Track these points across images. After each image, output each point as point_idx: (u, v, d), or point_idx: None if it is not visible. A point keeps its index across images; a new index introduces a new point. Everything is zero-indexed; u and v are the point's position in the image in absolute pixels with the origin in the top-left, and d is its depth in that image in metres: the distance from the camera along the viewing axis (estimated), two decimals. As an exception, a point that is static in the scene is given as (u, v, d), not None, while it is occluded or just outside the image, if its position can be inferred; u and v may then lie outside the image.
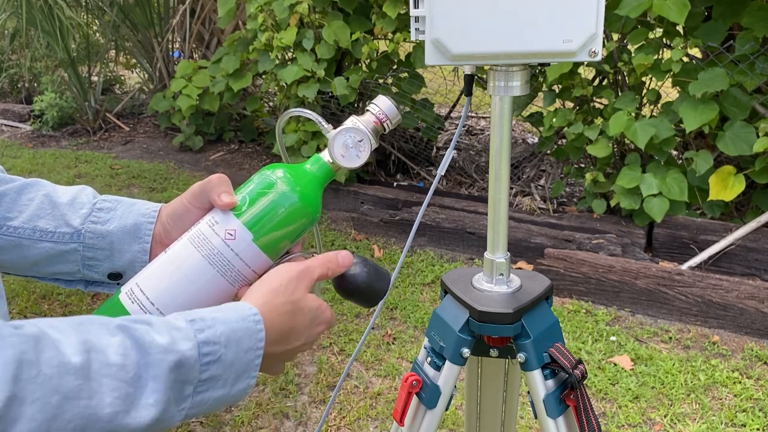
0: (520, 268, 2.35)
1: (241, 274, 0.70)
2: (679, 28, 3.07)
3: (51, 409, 0.45)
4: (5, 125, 5.89)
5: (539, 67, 3.20)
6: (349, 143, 0.75)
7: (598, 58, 0.80)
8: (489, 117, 4.18)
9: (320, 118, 0.77)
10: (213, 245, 0.69)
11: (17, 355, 0.44)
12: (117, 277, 0.77)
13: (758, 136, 2.77)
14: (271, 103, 5.05)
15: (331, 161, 0.75)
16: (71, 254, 0.75)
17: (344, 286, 0.75)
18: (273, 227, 0.71)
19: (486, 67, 0.90)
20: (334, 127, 0.76)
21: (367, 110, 0.77)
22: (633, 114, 3.01)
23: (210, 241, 0.70)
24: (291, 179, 0.72)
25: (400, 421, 1.00)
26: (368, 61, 3.62)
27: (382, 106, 0.77)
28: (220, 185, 0.72)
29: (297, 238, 0.74)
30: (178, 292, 0.69)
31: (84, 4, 5.53)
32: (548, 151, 3.73)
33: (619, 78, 3.34)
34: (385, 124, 0.77)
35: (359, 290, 0.75)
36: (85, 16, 5.66)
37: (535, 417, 0.98)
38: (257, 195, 0.71)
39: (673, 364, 2.33)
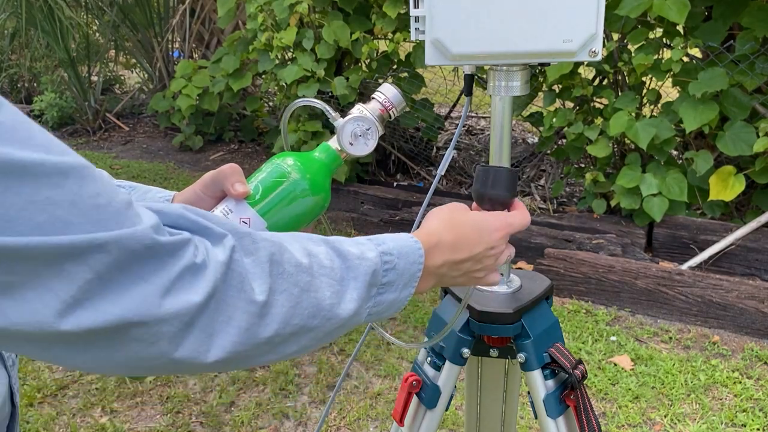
0: (520, 268, 2.35)
1: None
2: (679, 28, 3.07)
3: (294, 299, 0.56)
4: (5, 125, 5.88)
5: (539, 67, 3.20)
6: (358, 132, 0.77)
7: (599, 57, 0.80)
8: (489, 117, 4.18)
9: (328, 107, 0.79)
10: None
11: (269, 256, 0.56)
12: None
13: (758, 136, 2.77)
14: (270, 103, 5.05)
15: (339, 149, 0.77)
16: None
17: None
18: (285, 214, 0.73)
19: (486, 67, 0.89)
20: (342, 116, 0.78)
21: (373, 98, 0.78)
22: (633, 114, 3.01)
23: None
24: (301, 167, 0.74)
25: (400, 422, 1.00)
26: (368, 61, 3.62)
27: (387, 93, 0.78)
28: (233, 174, 0.73)
29: (308, 224, 0.76)
30: None
31: (84, 4, 5.52)
32: (548, 151, 3.73)
33: (619, 78, 3.34)
34: (390, 112, 0.79)
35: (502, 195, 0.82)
36: (84, 16, 5.65)
37: (536, 417, 0.98)
38: (270, 183, 0.73)
39: (674, 364, 2.33)
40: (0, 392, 0.63)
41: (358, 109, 0.78)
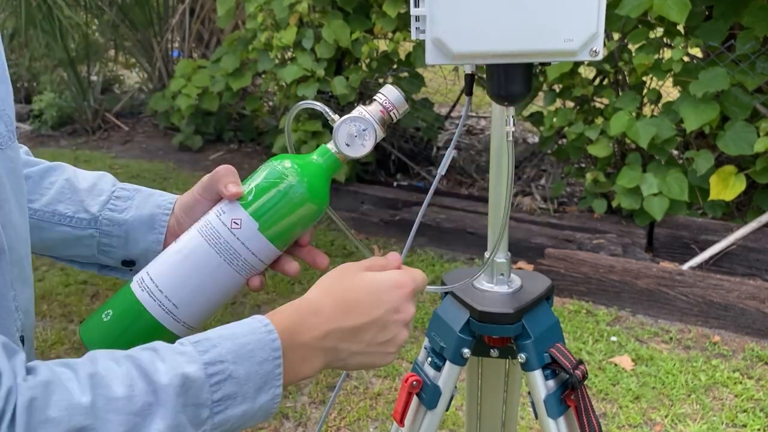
0: (520, 268, 2.34)
1: (248, 263, 0.71)
2: (680, 28, 3.06)
3: None
4: (5, 125, 5.88)
5: (540, 67, 3.20)
6: (354, 132, 0.75)
7: (599, 57, 0.79)
8: (489, 117, 4.18)
9: (327, 109, 0.77)
10: (219, 234, 0.70)
11: (27, 403, 0.46)
12: (130, 264, 0.79)
13: (759, 136, 2.76)
14: (270, 103, 5.05)
15: (337, 151, 0.76)
16: (88, 239, 0.77)
17: None
18: (279, 217, 0.71)
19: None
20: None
21: (374, 99, 0.77)
22: (634, 114, 3.01)
23: (217, 231, 0.71)
24: (298, 170, 0.72)
25: (401, 422, 0.99)
26: (368, 60, 3.61)
27: (389, 95, 0.77)
28: (227, 176, 0.73)
29: (305, 228, 0.75)
30: (186, 280, 0.70)
31: (83, 3, 5.52)
32: (549, 151, 3.73)
33: (620, 77, 3.34)
34: (392, 114, 0.77)
35: None
36: (84, 16, 5.65)
37: (536, 417, 0.98)
38: (264, 185, 0.72)
39: (674, 365, 2.33)
40: None
41: (357, 110, 0.77)
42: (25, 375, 0.48)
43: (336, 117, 0.76)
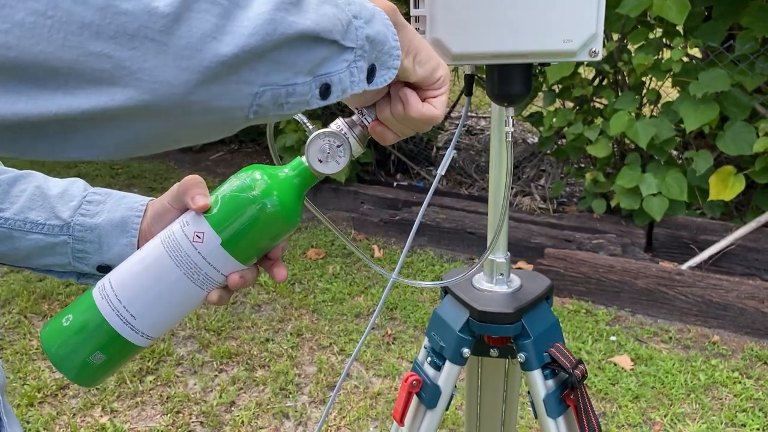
0: (520, 268, 2.35)
1: (209, 277, 0.68)
2: (679, 28, 3.07)
3: None
4: (5, 125, 5.88)
5: (539, 67, 3.20)
6: (326, 148, 0.69)
7: (599, 58, 0.79)
8: (489, 117, 4.19)
9: (304, 119, 0.73)
10: (181, 247, 0.67)
11: None
12: (106, 270, 0.77)
13: (758, 136, 2.77)
14: (270, 103, 5.05)
15: (309, 165, 0.71)
16: (61, 246, 0.76)
17: None
18: (243, 232, 0.67)
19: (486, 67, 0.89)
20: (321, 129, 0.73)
21: (356, 110, 0.74)
22: (633, 114, 3.01)
23: (178, 243, 0.68)
24: (268, 182, 0.68)
25: (400, 421, 1.00)
26: (368, 60, 3.62)
27: (371, 110, 0.71)
28: (195, 187, 0.69)
29: (273, 243, 0.71)
30: (144, 290, 0.68)
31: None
32: (548, 151, 3.73)
33: (619, 78, 3.34)
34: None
35: None
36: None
37: (536, 417, 0.99)
38: (230, 197, 0.68)
39: (673, 364, 2.33)
40: None
41: (335, 124, 0.71)
42: None
43: (314, 129, 0.71)
